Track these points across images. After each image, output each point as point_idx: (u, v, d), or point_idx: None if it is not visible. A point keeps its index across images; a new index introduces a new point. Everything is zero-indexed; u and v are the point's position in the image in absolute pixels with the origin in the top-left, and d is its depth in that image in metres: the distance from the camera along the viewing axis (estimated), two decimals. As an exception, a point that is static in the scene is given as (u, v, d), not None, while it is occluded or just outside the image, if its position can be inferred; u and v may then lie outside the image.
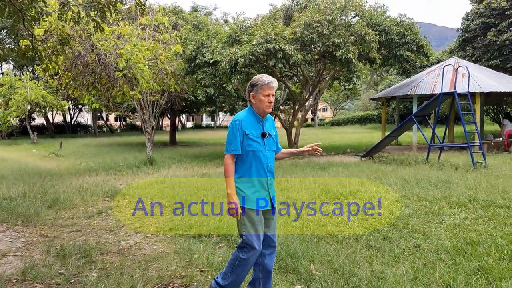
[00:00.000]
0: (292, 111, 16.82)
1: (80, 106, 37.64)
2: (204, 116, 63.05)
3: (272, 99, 2.97)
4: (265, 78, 2.96)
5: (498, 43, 16.56)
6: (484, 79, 14.00)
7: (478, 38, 18.06)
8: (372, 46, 11.85)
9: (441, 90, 11.22)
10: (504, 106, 22.17)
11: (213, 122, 57.77)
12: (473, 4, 19.02)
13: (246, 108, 3.06)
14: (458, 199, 6.16)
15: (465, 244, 4.18)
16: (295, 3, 14.47)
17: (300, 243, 4.30)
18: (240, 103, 34.12)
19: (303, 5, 13.86)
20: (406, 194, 6.64)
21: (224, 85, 16.96)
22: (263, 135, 2.97)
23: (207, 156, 14.11)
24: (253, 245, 2.88)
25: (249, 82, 3.03)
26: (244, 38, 12.36)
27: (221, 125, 58.77)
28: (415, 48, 13.41)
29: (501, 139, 14.80)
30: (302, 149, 3.20)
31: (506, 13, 16.43)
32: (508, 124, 14.89)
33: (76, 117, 43.14)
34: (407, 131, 14.69)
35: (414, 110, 14.44)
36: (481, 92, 13.53)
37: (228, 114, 52.99)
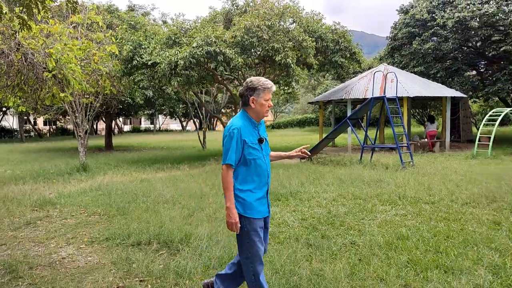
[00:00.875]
0: (233, 114, 16.86)
1: (4, 109, 34.56)
2: (142, 119, 60.97)
3: (271, 103, 2.89)
4: (267, 81, 2.83)
5: (422, 51, 17.99)
6: (410, 85, 15.13)
7: (405, 46, 19.50)
8: (309, 52, 12.27)
9: (372, 95, 11.94)
10: (428, 109, 24.15)
11: (153, 126, 56.10)
12: (400, 14, 20.52)
13: (240, 114, 2.90)
14: (389, 196, 6.59)
15: (396, 239, 4.47)
16: (235, 7, 14.57)
17: (243, 245, 4.31)
18: (181, 106, 33.57)
19: (243, 9, 13.99)
20: (342, 193, 6.96)
21: (164, 87, 16.57)
22: (260, 141, 2.87)
23: (146, 161, 13.65)
24: (258, 253, 2.81)
25: (247, 85, 2.84)
26: (184, 40, 12.17)
27: (161, 129, 57.26)
28: (348, 55, 14.12)
29: (426, 139, 16.11)
30: (290, 153, 3.14)
31: (428, 24, 17.93)
32: (429, 126, 16.27)
33: (0, 121, 39.54)
34: (342, 133, 15.41)
35: (349, 113, 15.20)
36: (408, 97, 14.60)
37: (168, 117, 51.81)
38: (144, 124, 62.19)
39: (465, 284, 3.28)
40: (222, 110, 42.02)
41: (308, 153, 3.15)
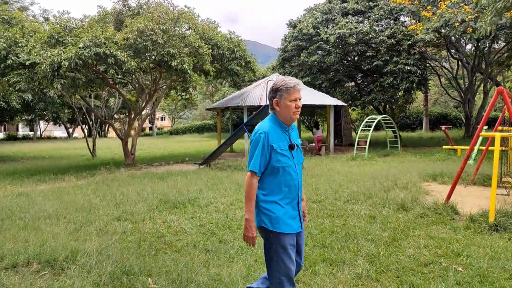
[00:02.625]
0: (127, 120, 16.06)
1: None
2: (20, 126, 54.10)
3: (300, 103, 2.64)
4: (290, 80, 2.60)
5: (309, 63, 19.51)
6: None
7: (294, 58, 20.92)
8: (206, 59, 12.36)
9: (266, 102, 12.52)
10: (315, 116, 26.23)
11: (32, 133, 50.13)
12: (289, 28, 21.96)
13: (268, 117, 2.67)
14: (282, 198, 6.96)
15: (288, 237, 4.75)
16: (127, 8, 13.93)
17: (137, 257, 4.13)
18: (66, 111, 30.69)
19: (136, 11, 13.46)
20: (239, 197, 7.13)
21: (45, 90, 14.99)
22: (291, 147, 2.63)
23: (24, 172, 12.15)
24: (288, 274, 2.53)
25: (271, 87, 2.65)
26: (68, 39, 11.18)
27: (43, 136, 51.51)
28: (243, 63, 14.61)
29: (313, 144, 17.47)
30: (303, 208, 2.86)
31: (313, 39, 19.54)
32: (316, 131, 17.74)
33: None
34: (240, 138, 15.83)
35: (245, 119, 15.68)
36: (298, 104, 15.65)
37: (52, 123, 46.79)
38: (22, 131, 55.24)
39: (347, 274, 3.64)
40: (115, 116, 39.60)
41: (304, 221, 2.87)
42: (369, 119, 15.75)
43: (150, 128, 56.58)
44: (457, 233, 4.87)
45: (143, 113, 16.16)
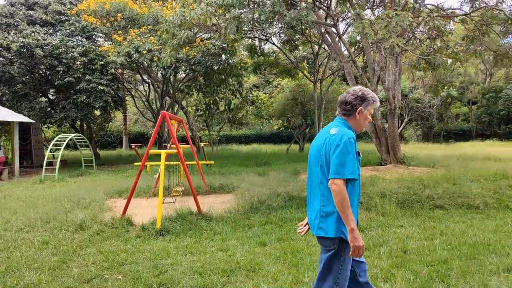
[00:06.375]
0: None
1: None
2: None
3: (371, 119, 2.74)
4: (374, 94, 2.65)
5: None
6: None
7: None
8: None
9: None
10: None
11: None
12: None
13: (342, 123, 2.60)
14: None
15: None
16: None
17: None
18: None
19: None
20: None
21: None
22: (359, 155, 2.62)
23: None
24: (345, 285, 2.51)
25: (357, 94, 2.60)
26: None
27: None
28: None
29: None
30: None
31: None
32: (-2, 152, 15.11)
33: None
34: None
35: None
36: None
37: None
38: None
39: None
40: None
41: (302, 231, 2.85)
42: (59, 137, 14.85)
43: None
44: (128, 243, 5.28)
45: None
